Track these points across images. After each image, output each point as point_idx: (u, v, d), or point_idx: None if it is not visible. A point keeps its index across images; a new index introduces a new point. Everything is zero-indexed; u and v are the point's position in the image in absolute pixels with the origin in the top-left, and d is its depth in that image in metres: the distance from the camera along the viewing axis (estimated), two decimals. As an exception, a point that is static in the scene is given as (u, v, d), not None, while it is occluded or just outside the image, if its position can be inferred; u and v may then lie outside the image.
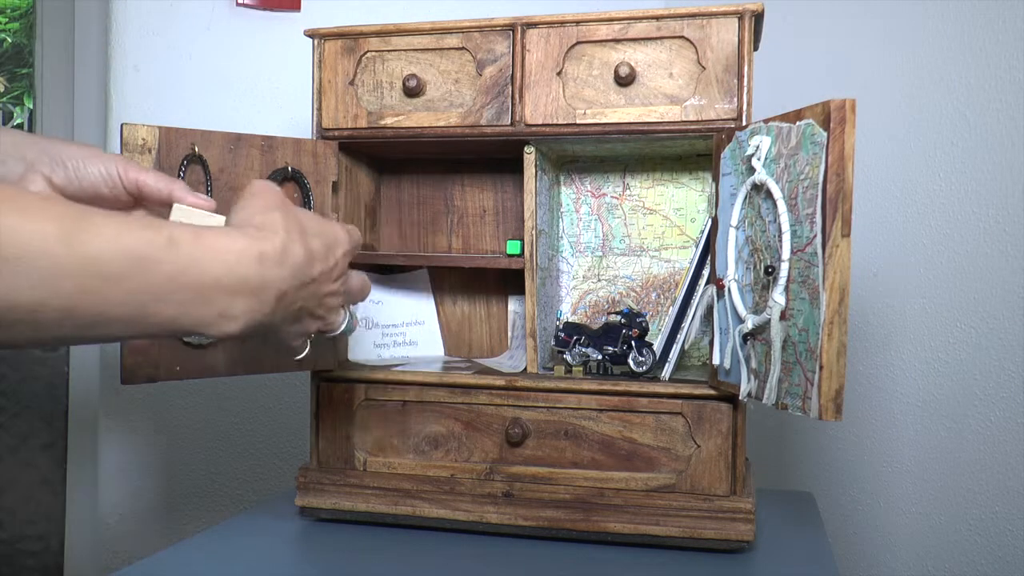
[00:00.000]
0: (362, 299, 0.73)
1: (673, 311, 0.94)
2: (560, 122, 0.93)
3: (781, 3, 1.38)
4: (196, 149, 0.92)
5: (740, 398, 0.84)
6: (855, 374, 1.32)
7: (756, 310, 0.81)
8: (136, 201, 0.71)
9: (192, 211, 0.70)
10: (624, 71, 0.91)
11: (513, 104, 0.95)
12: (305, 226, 0.61)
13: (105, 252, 0.46)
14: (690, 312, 0.94)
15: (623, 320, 0.94)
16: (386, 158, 1.15)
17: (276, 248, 0.57)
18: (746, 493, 0.89)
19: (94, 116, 1.55)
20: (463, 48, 0.96)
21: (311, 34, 1.01)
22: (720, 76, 0.90)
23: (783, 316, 0.77)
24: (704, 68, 0.90)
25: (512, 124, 0.95)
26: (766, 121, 0.81)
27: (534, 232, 0.97)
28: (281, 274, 0.57)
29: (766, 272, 0.79)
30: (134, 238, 0.48)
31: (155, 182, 0.69)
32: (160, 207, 0.70)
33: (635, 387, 0.91)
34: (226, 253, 0.53)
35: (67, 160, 0.67)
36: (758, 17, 0.89)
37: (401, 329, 1.14)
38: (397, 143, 1.01)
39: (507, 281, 1.14)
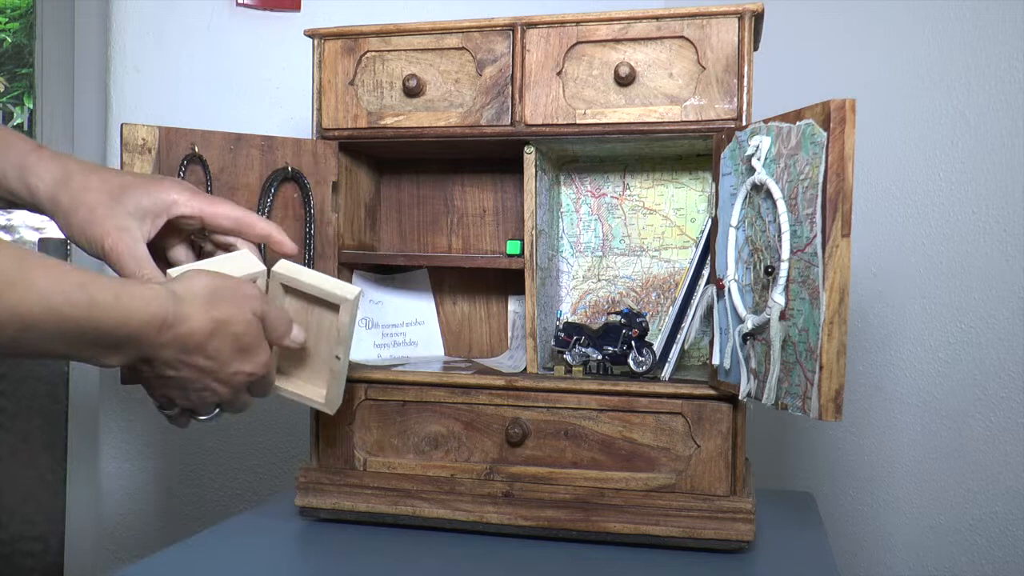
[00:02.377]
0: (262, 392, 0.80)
1: (673, 311, 0.94)
2: (560, 122, 0.93)
3: (781, 3, 1.38)
4: (196, 149, 0.92)
5: (740, 398, 0.84)
6: (855, 374, 1.32)
7: (756, 310, 0.81)
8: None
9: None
10: (624, 71, 0.91)
11: (513, 104, 0.95)
12: (224, 327, 0.69)
13: (33, 305, 0.54)
14: (690, 312, 0.94)
15: (623, 320, 0.94)
16: (386, 158, 1.15)
17: (182, 324, 0.66)
18: (746, 493, 0.89)
19: (94, 116, 1.55)
20: (463, 48, 0.96)
21: (311, 34, 1.01)
22: (720, 76, 0.90)
23: (783, 316, 0.77)
24: (704, 68, 0.90)
25: (512, 124, 0.95)
26: (766, 121, 0.81)
27: (534, 232, 0.97)
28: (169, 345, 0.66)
29: (766, 272, 0.79)
30: (61, 292, 0.56)
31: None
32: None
33: (635, 387, 0.91)
34: (130, 317, 0.61)
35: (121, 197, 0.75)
36: (758, 17, 0.89)
37: (401, 329, 1.14)
38: (397, 143, 1.01)
39: (507, 281, 1.14)
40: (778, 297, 0.77)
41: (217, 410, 0.76)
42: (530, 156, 0.97)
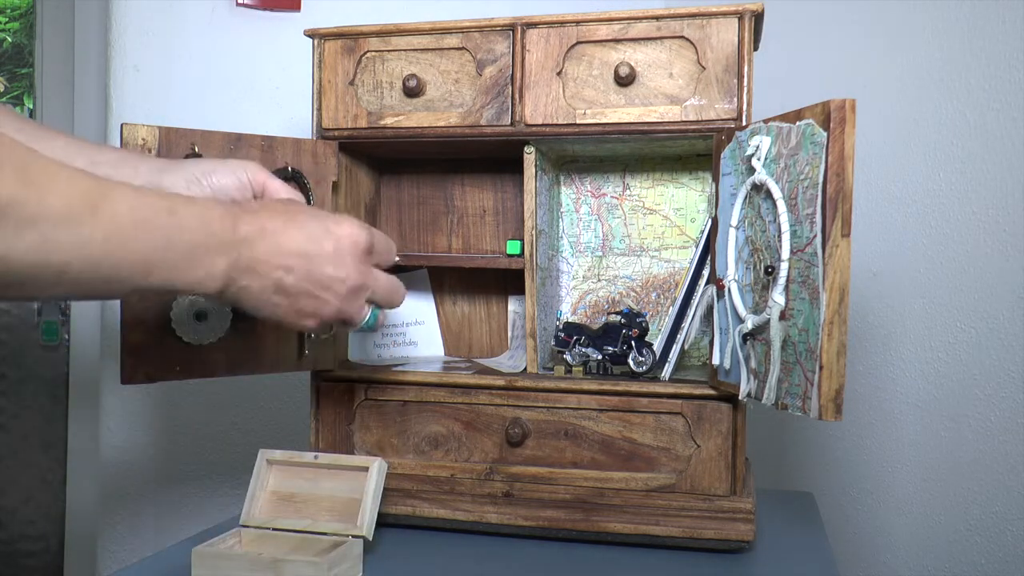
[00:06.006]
0: (391, 304, 0.76)
1: (673, 311, 0.95)
2: (560, 122, 0.93)
3: (781, 3, 1.38)
4: (196, 149, 0.92)
5: (740, 398, 0.84)
6: (855, 374, 1.32)
7: (756, 310, 0.81)
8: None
9: None
10: (624, 71, 0.91)
11: (513, 104, 0.95)
12: (297, 210, 0.68)
13: (122, 218, 0.55)
14: (690, 312, 0.94)
15: (623, 320, 0.94)
16: (386, 158, 1.15)
17: (252, 214, 0.64)
18: (746, 493, 0.89)
19: (94, 116, 1.55)
20: (463, 48, 0.96)
21: (311, 34, 1.01)
22: (720, 76, 0.90)
23: (783, 316, 0.77)
24: (704, 68, 0.90)
25: (512, 124, 0.95)
26: (766, 121, 0.81)
27: (534, 232, 0.97)
28: (255, 238, 0.63)
29: (766, 272, 0.79)
30: (145, 205, 0.57)
31: (279, 190, 0.79)
32: None
33: (635, 387, 0.91)
34: (208, 218, 0.60)
35: (200, 176, 0.76)
36: (758, 17, 0.89)
37: (401, 329, 1.14)
38: (397, 143, 1.01)
39: (507, 281, 1.14)
40: (778, 297, 0.77)
41: (369, 310, 0.74)
42: (530, 156, 0.97)
